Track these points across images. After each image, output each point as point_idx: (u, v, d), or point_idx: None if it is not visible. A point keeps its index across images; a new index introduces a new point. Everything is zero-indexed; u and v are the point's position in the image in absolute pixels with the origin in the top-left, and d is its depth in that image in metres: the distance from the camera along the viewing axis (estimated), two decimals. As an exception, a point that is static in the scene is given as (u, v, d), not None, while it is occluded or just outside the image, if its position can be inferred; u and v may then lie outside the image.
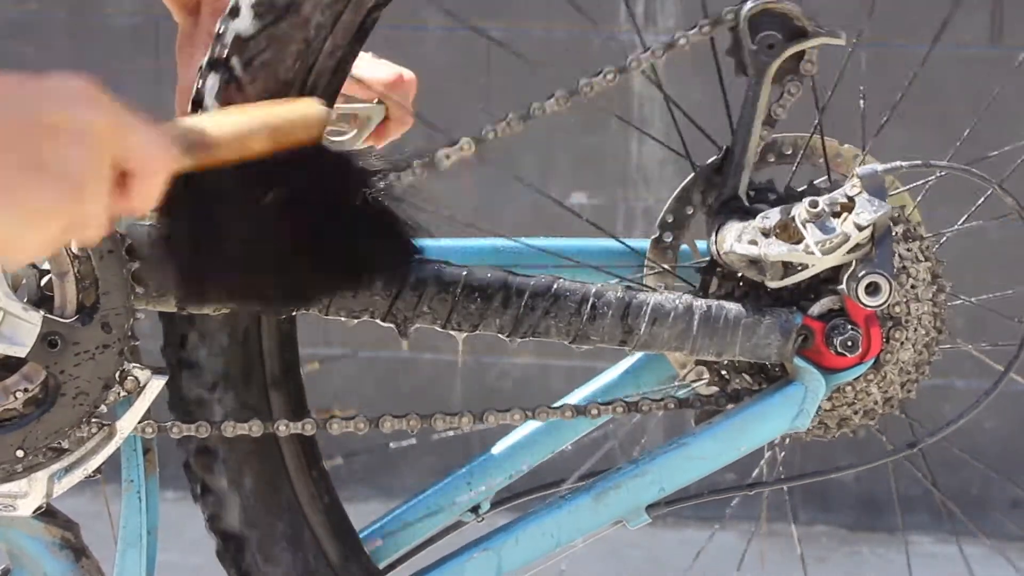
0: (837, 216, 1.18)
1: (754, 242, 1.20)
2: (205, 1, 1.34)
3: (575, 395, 1.36)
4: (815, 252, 1.17)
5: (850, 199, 1.18)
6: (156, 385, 1.18)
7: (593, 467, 1.35)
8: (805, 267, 1.19)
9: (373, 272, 1.17)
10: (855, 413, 1.27)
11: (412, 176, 1.18)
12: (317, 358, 2.76)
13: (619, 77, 1.22)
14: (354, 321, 1.19)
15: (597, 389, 1.36)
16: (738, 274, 1.23)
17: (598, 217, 1.48)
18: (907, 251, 1.24)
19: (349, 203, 1.13)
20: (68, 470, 1.18)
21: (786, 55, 1.22)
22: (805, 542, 1.74)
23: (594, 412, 1.25)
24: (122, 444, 1.20)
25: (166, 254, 1.12)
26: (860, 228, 1.17)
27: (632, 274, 1.29)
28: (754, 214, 1.21)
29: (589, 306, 1.20)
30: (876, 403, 1.27)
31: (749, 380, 1.28)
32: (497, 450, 1.36)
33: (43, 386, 1.15)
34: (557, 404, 1.28)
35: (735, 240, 1.21)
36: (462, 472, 1.35)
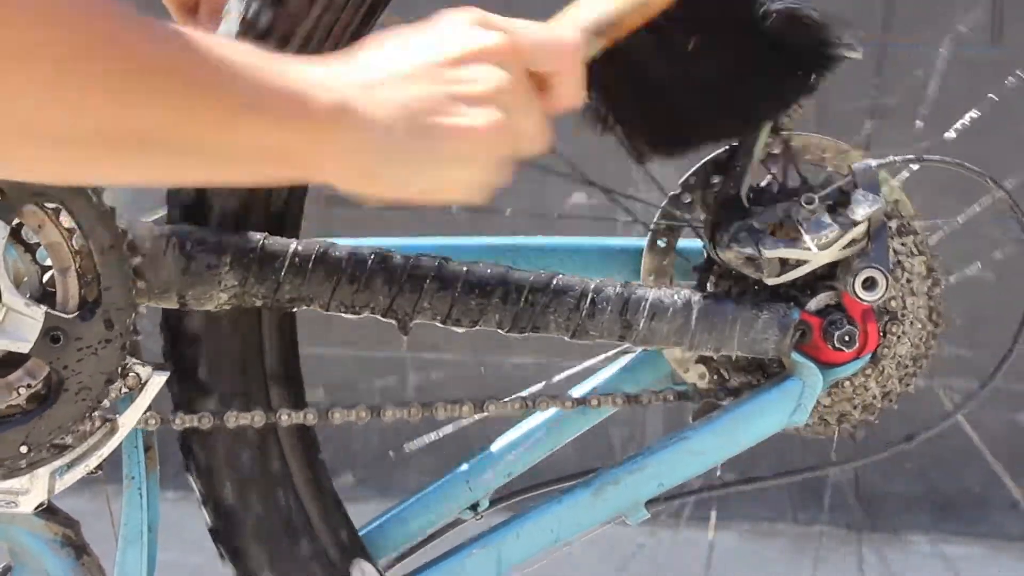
0: (832, 212, 1.19)
1: (751, 240, 1.20)
2: (203, 1, 1.34)
3: (573, 392, 1.36)
4: (811, 248, 1.18)
5: (845, 194, 1.19)
6: (157, 381, 1.18)
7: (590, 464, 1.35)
8: (802, 264, 1.20)
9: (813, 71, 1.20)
10: (854, 408, 1.28)
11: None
12: (317, 357, 2.75)
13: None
14: (355, 317, 1.20)
15: (595, 386, 1.35)
16: (734, 272, 1.24)
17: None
18: (901, 246, 1.24)
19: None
20: (70, 467, 1.18)
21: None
22: (805, 542, 1.73)
23: (594, 403, 1.26)
24: (123, 441, 1.20)
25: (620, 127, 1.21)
26: (855, 223, 1.18)
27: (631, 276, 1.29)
28: (750, 211, 1.22)
29: (588, 301, 1.20)
30: (875, 397, 1.27)
31: (747, 376, 1.28)
32: (496, 448, 1.36)
33: (46, 382, 1.15)
34: (557, 395, 1.28)
35: (732, 239, 1.21)
36: (461, 470, 1.35)
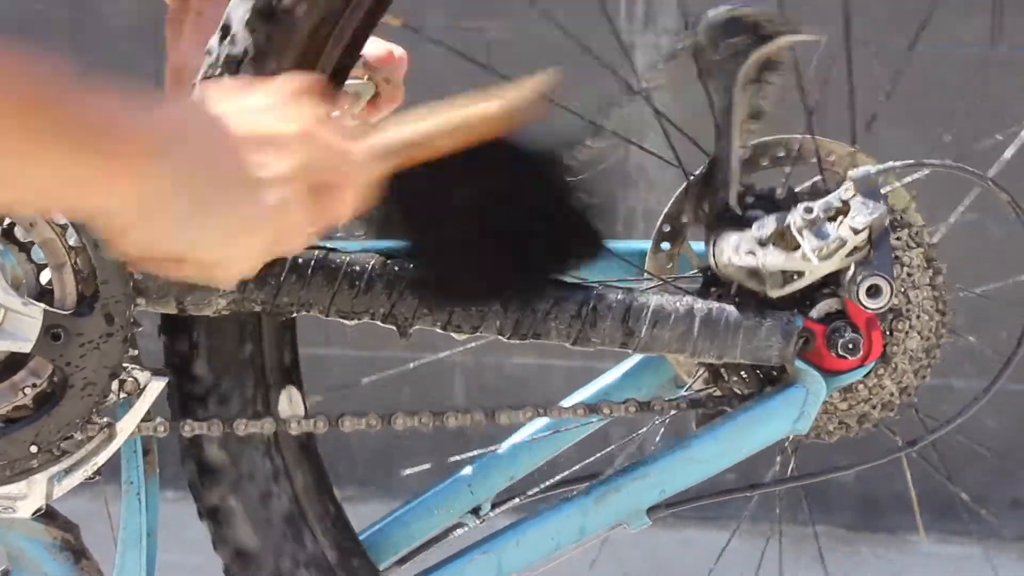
0: (833, 220, 1.17)
1: (751, 253, 1.19)
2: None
3: (575, 397, 1.36)
4: (812, 259, 1.17)
5: (845, 203, 1.18)
6: (156, 387, 1.18)
7: (592, 469, 1.35)
8: (803, 274, 1.19)
9: (569, 261, 1.19)
10: (873, 408, 1.27)
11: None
12: (317, 357, 2.75)
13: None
14: (353, 322, 1.19)
15: (597, 391, 1.35)
16: (736, 285, 1.23)
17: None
18: (896, 240, 1.23)
19: (541, 194, 1.15)
20: (68, 472, 1.18)
21: (752, 61, 1.21)
22: (805, 542, 1.73)
23: (606, 411, 1.25)
24: (122, 446, 1.20)
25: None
26: (856, 232, 1.16)
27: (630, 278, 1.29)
28: (749, 223, 1.21)
29: (590, 308, 1.20)
30: (892, 395, 1.26)
31: (749, 383, 1.27)
32: (498, 452, 1.36)
33: (50, 380, 1.15)
34: (569, 403, 1.28)
35: (732, 252, 1.20)
36: (463, 474, 1.35)
